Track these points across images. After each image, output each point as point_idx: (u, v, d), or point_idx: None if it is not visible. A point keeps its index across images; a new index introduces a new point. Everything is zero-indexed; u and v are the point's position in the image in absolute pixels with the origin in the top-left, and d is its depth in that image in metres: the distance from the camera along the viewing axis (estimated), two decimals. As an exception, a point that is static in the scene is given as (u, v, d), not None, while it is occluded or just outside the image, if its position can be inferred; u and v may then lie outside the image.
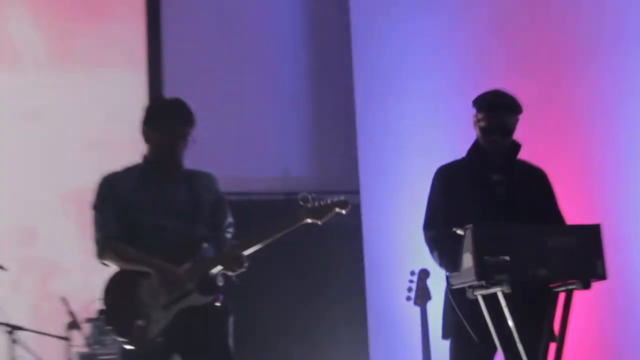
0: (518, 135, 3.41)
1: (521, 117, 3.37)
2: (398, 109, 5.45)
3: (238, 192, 5.77)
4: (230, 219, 3.37)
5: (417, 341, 4.33)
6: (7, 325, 4.39)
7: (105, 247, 3.19)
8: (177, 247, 3.16)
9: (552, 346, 3.03)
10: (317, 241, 5.79)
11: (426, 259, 3.70)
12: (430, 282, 4.41)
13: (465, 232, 2.91)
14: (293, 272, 5.72)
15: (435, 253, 3.27)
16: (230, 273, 3.18)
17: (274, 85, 6.19)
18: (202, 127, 3.30)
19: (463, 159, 3.41)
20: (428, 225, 3.35)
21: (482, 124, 3.29)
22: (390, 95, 5.53)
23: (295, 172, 6.18)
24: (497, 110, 3.28)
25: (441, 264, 3.22)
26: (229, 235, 3.35)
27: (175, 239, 3.17)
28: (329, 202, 3.20)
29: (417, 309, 4.34)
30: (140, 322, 3.07)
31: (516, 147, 3.37)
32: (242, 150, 5.97)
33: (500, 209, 3.25)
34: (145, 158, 3.32)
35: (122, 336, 3.11)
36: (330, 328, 5.54)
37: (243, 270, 3.16)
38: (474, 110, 3.36)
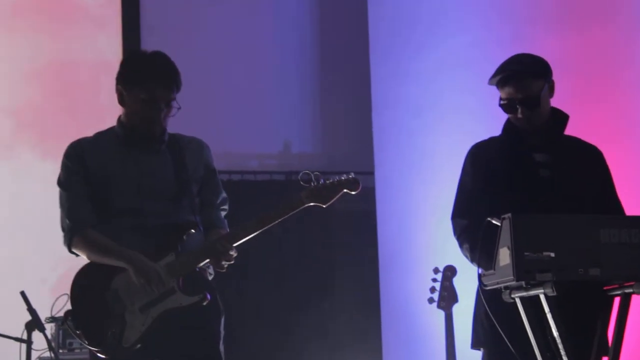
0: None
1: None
2: (421, 74, 5.41)
3: (229, 171, 5.75)
4: (223, 194, 3.29)
5: (441, 350, 4.31)
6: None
7: (75, 235, 3.12)
8: (157, 235, 3.09)
9: (604, 360, 2.99)
10: (323, 231, 5.77)
11: (452, 254, 3.65)
12: (456, 282, 4.38)
13: (502, 223, 2.84)
14: (295, 266, 5.70)
15: (466, 246, 3.23)
16: (216, 269, 3.12)
17: (274, 47, 6.14)
18: (188, 94, 3.22)
19: (499, 136, 3.35)
20: (458, 214, 3.29)
21: (501, 101, 3.24)
22: (411, 60, 5.48)
23: (298, 147, 6.15)
24: (513, 80, 3.21)
25: (473, 260, 3.17)
26: (223, 214, 3.28)
27: (155, 225, 3.10)
28: (335, 181, 3.15)
29: (441, 313, 4.31)
30: (114, 328, 3.02)
31: (562, 119, 3.30)
32: (235, 122, 5.93)
33: (544, 195, 3.20)
34: (121, 123, 3.20)
35: (92, 343, 3.06)
36: (338, 332, 5.52)
37: (231, 262, 3.10)
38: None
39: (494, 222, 2.89)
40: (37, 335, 4.23)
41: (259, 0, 6.14)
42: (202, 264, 3.14)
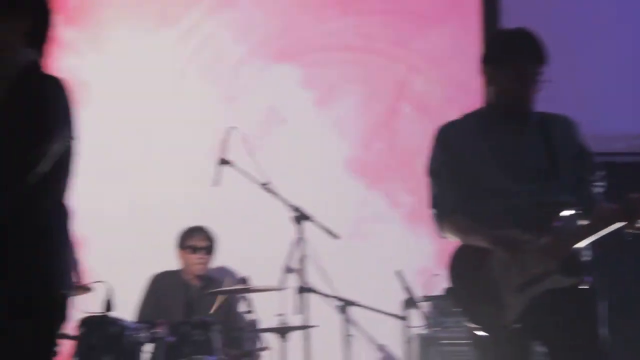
0: None
1: None
2: None
3: (595, 153, 5.54)
4: (600, 172, 3.18)
5: None
6: (340, 299, 4.62)
7: (442, 222, 3.18)
8: (532, 216, 3.02)
9: None
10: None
11: None
12: None
13: None
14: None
15: None
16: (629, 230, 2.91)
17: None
18: (556, 72, 3.13)
19: None
20: None
21: None
22: None
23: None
24: None
25: None
26: (598, 190, 3.15)
27: (527, 206, 3.04)
28: None
29: None
30: (492, 307, 3.04)
31: None
32: (599, 102, 5.70)
33: None
34: (488, 103, 3.20)
35: (472, 320, 3.10)
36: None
37: None
38: None
39: None
40: (413, 313, 4.38)
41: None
42: (582, 244, 3.05)
